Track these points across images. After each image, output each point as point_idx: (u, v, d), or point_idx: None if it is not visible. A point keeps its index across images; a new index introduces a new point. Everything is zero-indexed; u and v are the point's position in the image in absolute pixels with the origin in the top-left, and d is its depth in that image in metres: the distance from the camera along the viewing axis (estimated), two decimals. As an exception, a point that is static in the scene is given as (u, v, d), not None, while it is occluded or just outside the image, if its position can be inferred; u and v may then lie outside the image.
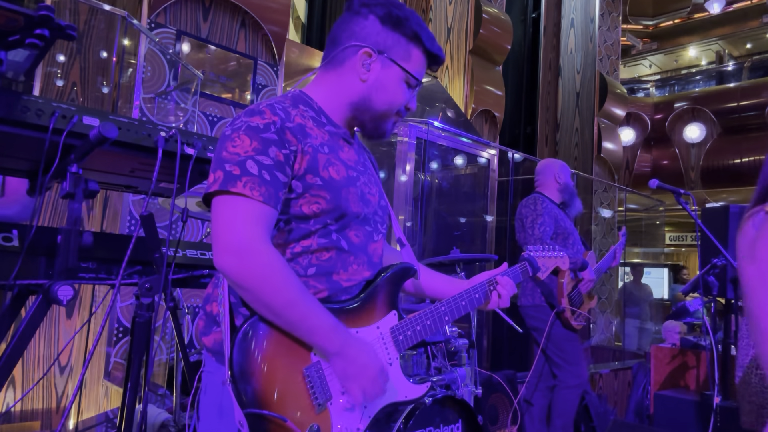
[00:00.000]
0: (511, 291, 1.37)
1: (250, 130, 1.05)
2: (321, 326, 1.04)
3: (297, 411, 1.02)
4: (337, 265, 1.13)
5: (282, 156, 1.05)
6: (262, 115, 1.07)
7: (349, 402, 1.08)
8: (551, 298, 3.14)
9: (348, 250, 1.15)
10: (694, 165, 10.56)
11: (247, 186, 1.01)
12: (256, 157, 1.03)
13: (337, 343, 1.05)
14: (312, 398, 1.04)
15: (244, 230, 1.00)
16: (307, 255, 1.11)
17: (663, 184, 2.76)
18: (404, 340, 1.20)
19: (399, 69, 1.19)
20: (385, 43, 1.18)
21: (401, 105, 1.23)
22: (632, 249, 11.02)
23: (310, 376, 1.05)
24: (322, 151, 1.12)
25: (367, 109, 1.20)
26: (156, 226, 1.47)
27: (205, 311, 1.16)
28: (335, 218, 1.12)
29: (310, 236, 1.11)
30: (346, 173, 1.15)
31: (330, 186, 1.10)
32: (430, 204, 4.70)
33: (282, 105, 1.12)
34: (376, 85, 1.19)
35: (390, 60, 1.19)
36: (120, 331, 3.07)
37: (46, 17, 1.02)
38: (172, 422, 2.21)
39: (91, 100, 3.23)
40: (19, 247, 1.28)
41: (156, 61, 3.31)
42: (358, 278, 1.17)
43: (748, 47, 13.12)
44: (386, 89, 1.19)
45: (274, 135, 1.06)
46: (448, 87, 5.67)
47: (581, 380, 3.19)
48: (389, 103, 1.20)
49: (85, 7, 3.16)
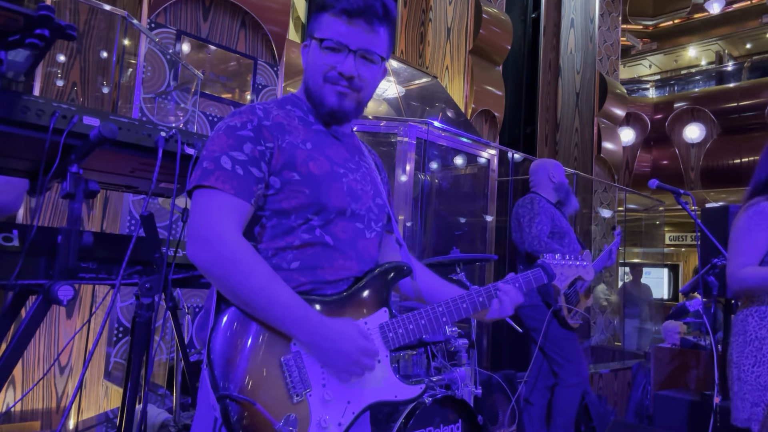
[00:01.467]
0: (515, 299, 1.30)
1: (228, 129, 1.11)
2: (289, 315, 1.05)
3: (272, 399, 1.02)
4: (322, 260, 1.14)
5: (257, 152, 1.10)
6: (240, 116, 1.13)
7: (330, 395, 1.08)
8: (548, 297, 3.15)
9: (333, 245, 1.15)
10: (693, 165, 10.56)
11: (219, 179, 1.06)
12: (231, 153, 1.08)
13: (308, 334, 1.05)
14: (289, 388, 1.05)
15: (213, 221, 1.04)
16: (291, 250, 1.12)
17: (663, 184, 2.76)
18: (394, 338, 1.18)
19: (315, 41, 1.20)
20: (311, 28, 1.22)
21: (325, 71, 1.18)
22: (632, 249, 11.02)
23: (288, 366, 1.05)
24: (303, 147, 1.15)
25: (310, 93, 1.23)
26: (156, 226, 1.47)
27: (205, 308, 1.17)
28: (315, 212, 1.13)
29: (293, 232, 1.13)
30: (330, 168, 1.16)
31: (309, 180, 1.13)
32: (430, 204, 4.70)
33: (264, 106, 1.17)
34: (307, 66, 1.23)
35: (312, 38, 1.21)
36: (120, 331, 3.07)
37: (46, 17, 1.03)
38: (172, 422, 2.21)
39: (91, 100, 3.23)
40: (19, 247, 1.28)
41: (156, 61, 3.31)
42: (345, 274, 1.17)
43: (748, 47, 13.11)
44: (311, 64, 1.21)
45: (250, 132, 1.10)
46: (448, 87, 5.67)
47: (581, 378, 3.19)
48: (312, 75, 1.21)
49: (85, 7, 3.16)
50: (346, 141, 1.28)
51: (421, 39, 5.96)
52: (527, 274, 1.37)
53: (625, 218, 8.34)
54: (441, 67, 5.79)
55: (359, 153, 1.31)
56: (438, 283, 1.38)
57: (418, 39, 5.95)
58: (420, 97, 5.46)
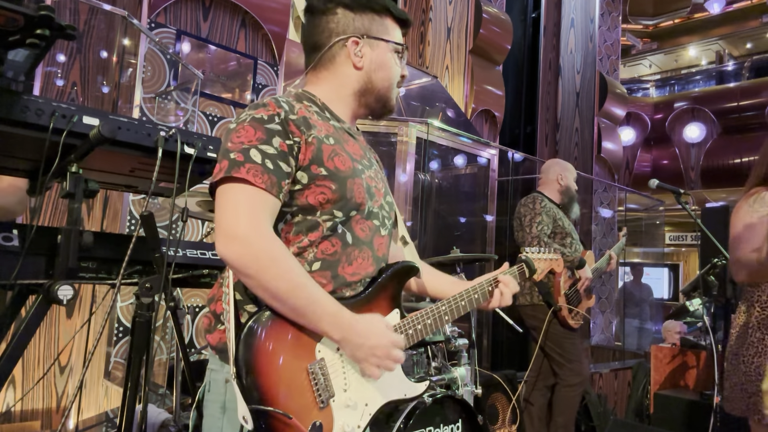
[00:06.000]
0: (514, 289, 1.38)
1: (254, 122, 1.08)
2: (326, 312, 1.04)
3: (301, 407, 1.01)
4: (342, 259, 1.13)
5: (286, 146, 1.07)
6: (266, 108, 1.10)
7: (351, 399, 1.08)
8: (548, 297, 3.14)
9: (353, 244, 1.15)
10: (693, 165, 10.55)
11: (251, 173, 1.03)
12: (260, 146, 1.05)
13: (342, 330, 1.05)
14: (315, 395, 1.04)
15: (247, 217, 1.01)
16: (313, 248, 1.11)
17: (663, 184, 2.77)
18: (406, 339, 1.20)
19: (386, 43, 1.24)
20: (364, 26, 1.22)
21: (398, 76, 1.28)
22: (632, 249, 11.02)
23: (314, 373, 1.05)
24: (327, 142, 1.13)
25: (371, 92, 1.25)
26: (156, 225, 1.47)
27: (210, 310, 1.16)
28: (340, 209, 1.12)
29: (317, 228, 1.11)
30: (351, 164, 1.16)
31: (335, 176, 1.11)
32: (430, 204, 4.70)
33: (286, 99, 1.15)
34: (373, 67, 1.23)
35: (375, 39, 1.23)
36: (120, 331, 3.07)
37: (46, 17, 1.02)
38: (172, 422, 2.21)
39: (91, 100, 3.23)
40: (19, 246, 1.28)
41: (156, 61, 3.31)
42: (363, 273, 1.17)
43: (748, 47, 13.11)
44: (383, 67, 1.24)
45: (279, 126, 1.08)
46: (448, 87, 5.66)
47: (582, 378, 3.19)
48: (389, 78, 1.25)
49: (85, 7, 3.16)
50: (359, 138, 1.29)
51: (421, 39, 5.96)
52: (513, 269, 1.46)
53: (626, 218, 8.34)
54: (441, 67, 5.79)
55: (370, 151, 1.33)
56: (436, 275, 1.43)
57: (418, 39, 5.94)
58: (420, 97, 5.46)
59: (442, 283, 1.41)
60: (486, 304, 1.37)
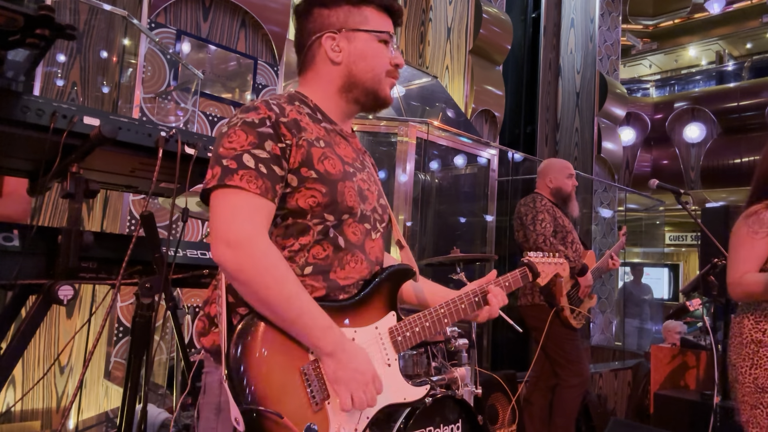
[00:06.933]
0: (502, 301, 1.35)
1: (246, 126, 1.07)
2: (316, 326, 1.03)
3: (294, 409, 1.01)
4: (334, 263, 1.13)
5: (278, 150, 1.07)
6: (257, 111, 1.09)
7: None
8: (550, 297, 3.14)
9: (345, 247, 1.14)
10: (694, 165, 10.55)
11: (244, 179, 1.02)
12: (253, 150, 1.05)
13: (331, 344, 1.04)
14: (309, 396, 1.03)
15: (242, 222, 1.01)
16: (305, 253, 1.10)
17: (663, 184, 2.77)
18: (403, 341, 1.19)
19: (364, 33, 1.20)
20: (339, 20, 1.20)
21: (387, 64, 1.23)
22: (632, 249, 11.02)
23: (308, 375, 1.04)
24: (317, 144, 1.13)
25: (356, 86, 1.21)
26: (156, 225, 1.47)
27: (204, 313, 1.16)
28: (331, 212, 1.12)
29: (308, 232, 1.11)
30: (342, 168, 1.15)
31: (325, 179, 1.11)
32: (430, 204, 4.70)
33: (277, 101, 1.14)
34: (352, 59, 1.20)
35: (352, 31, 1.20)
36: (120, 331, 3.07)
37: (46, 17, 1.02)
38: (172, 422, 2.21)
39: (92, 100, 3.23)
40: (19, 246, 1.28)
41: (156, 61, 3.31)
42: (356, 277, 1.16)
43: (748, 47, 13.11)
44: (364, 57, 1.20)
45: (270, 129, 1.07)
46: (448, 87, 5.66)
47: (583, 379, 3.19)
48: (372, 68, 1.21)
49: (85, 7, 3.16)
50: (352, 141, 1.28)
51: (421, 39, 5.96)
52: (515, 273, 1.43)
53: (626, 218, 8.34)
54: (441, 67, 5.79)
55: (362, 153, 1.32)
56: (434, 287, 1.41)
57: (418, 39, 5.94)
58: (420, 97, 5.46)
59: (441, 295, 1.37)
60: (475, 316, 1.34)
